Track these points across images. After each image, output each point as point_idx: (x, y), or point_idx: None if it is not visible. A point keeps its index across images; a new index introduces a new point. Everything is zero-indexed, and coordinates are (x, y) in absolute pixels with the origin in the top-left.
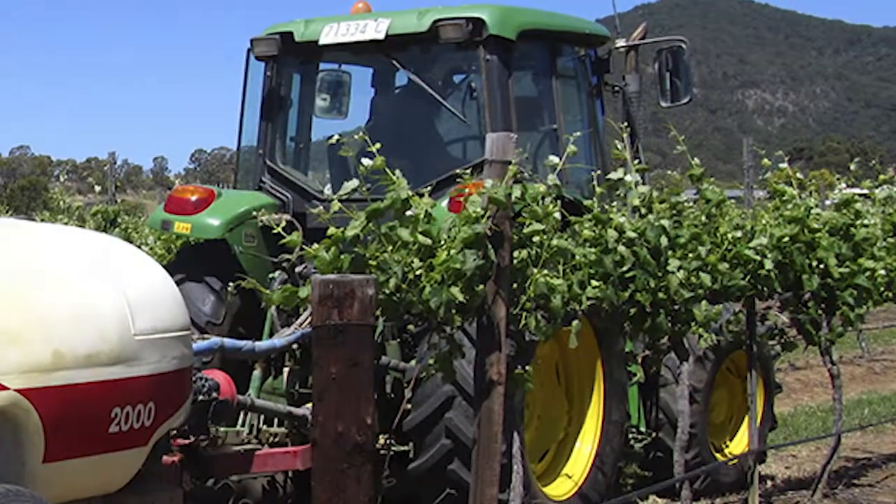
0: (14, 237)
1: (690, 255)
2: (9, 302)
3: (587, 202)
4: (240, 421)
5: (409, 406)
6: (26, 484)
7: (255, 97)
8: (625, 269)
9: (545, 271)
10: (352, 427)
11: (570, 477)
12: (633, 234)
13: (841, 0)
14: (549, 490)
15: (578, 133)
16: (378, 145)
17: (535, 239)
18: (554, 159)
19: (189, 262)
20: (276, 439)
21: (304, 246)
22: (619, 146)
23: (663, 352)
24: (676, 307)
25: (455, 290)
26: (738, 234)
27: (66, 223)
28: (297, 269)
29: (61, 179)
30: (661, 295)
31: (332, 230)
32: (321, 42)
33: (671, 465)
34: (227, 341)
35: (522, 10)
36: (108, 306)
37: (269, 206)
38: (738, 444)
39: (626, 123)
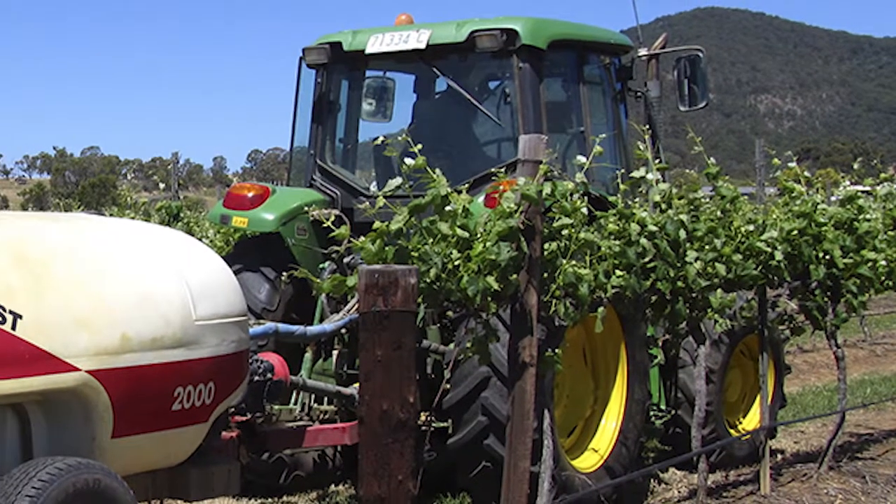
0: (85, 231)
1: (707, 247)
2: (80, 290)
3: (612, 198)
4: (293, 399)
5: (448, 386)
6: (96, 457)
7: (306, 102)
8: (646, 259)
9: (573, 262)
10: (396, 405)
11: (596, 451)
12: (654, 228)
13: (845, 12)
14: (577, 463)
15: (604, 135)
16: (420, 146)
17: (564, 232)
18: (581, 159)
19: (246, 254)
20: (326, 416)
21: (351, 238)
22: (641, 147)
23: (682, 336)
24: (694, 295)
25: (490, 280)
26: (751, 227)
27: (132, 218)
28: (346, 260)
29: (128, 177)
30: (679, 284)
31: (377, 224)
32: (367, 51)
33: (689, 439)
34: (281, 326)
35: (552, 21)
36: (172, 294)
37: (320, 202)
38: (751, 420)
39: (647, 126)
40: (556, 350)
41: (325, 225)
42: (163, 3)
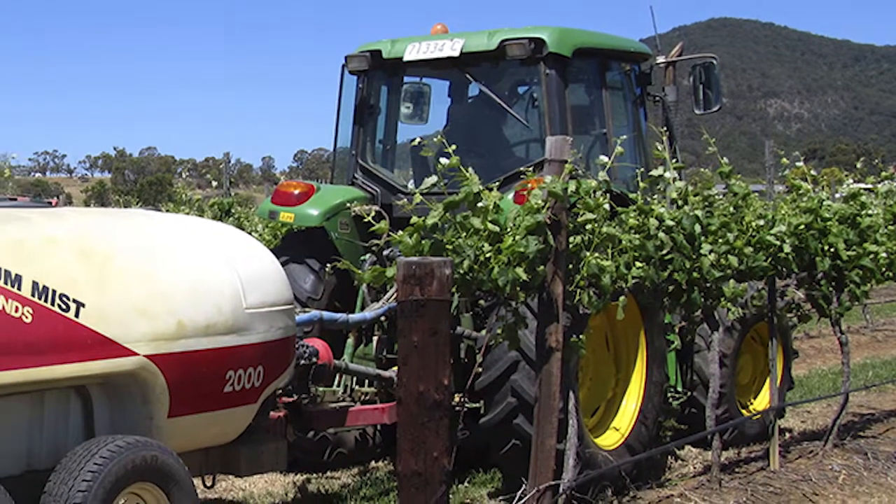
0: (144, 225)
1: (720, 240)
2: (138, 280)
3: (632, 195)
4: (336, 382)
5: (480, 369)
6: (154, 436)
7: (348, 106)
8: (664, 252)
9: (596, 254)
10: (431, 387)
11: (617, 430)
12: (671, 223)
13: (848, 22)
14: (600, 441)
15: (625, 136)
16: (454, 147)
17: (588, 226)
18: (604, 159)
19: (292, 247)
20: (367, 398)
21: (390, 232)
22: (659, 147)
23: (697, 323)
24: (708, 285)
25: (519, 270)
26: (761, 222)
27: (187, 213)
28: (385, 253)
29: (183, 176)
30: (695, 274)
31: (414, 219)
32: (405, 59)
33: (704, 419)
34: (325, 314)
35: (577, 31)
36: (224, 284)
37: (361, 198)
38: (761, 401)
39: (665, 128)
40: (581, 336)
41: (365, 220)
42: (216, 12)
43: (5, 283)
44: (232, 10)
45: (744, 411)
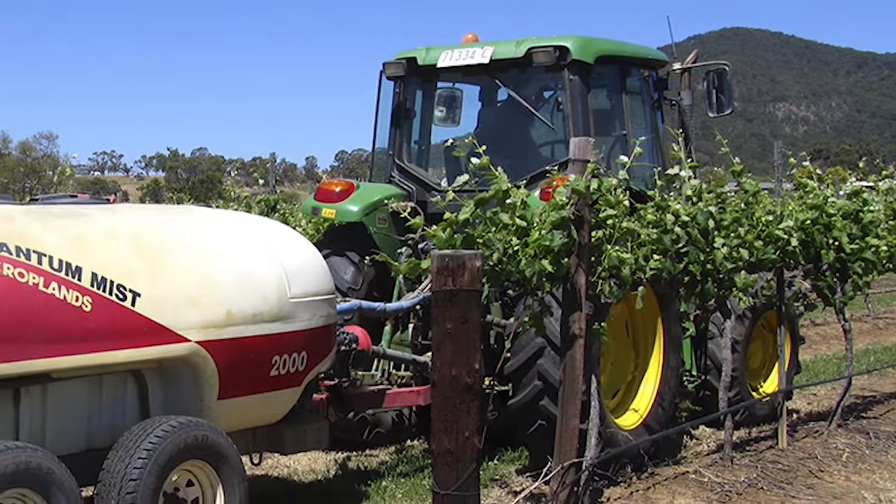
0: (195, 220)
1: (732, 234)
2: (190, 272)
3: (650, 192)
4: (374, 366)
5: (508, 354)
6: (205, 416)
7: (386, 109)
8: (680, 245)
9: (617, 247)
10: (463, 371)
11: (636, 411)
12: (686, 218)
13: (852, 31)
14: (620, 421)
15: (643, 137)
16: (484, 147)
17: (609, 222)
18: (623, 158)
19: (334, 240)
20: (403, 381)
21: (425, 227)
22: (675, 148)
23: (710, 311)
24: (721, 276)
25: (545, 263)
26: (770, 217)
27: (236, 209)
28: (420, 246)
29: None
30: (708, 266)
31: (447, 215)
32: (439, 65)
33: (717, 401)
34: (364, 303)
35: (599, 39)
36: (269, 275)
37: (398, 195)
38: (770, 384)
39: (681, 130)
40: (602, 324)
41: (402, 215)
42: (264, 22)
43: (66, 274)
44: (278, 21)
45: (754, 394)
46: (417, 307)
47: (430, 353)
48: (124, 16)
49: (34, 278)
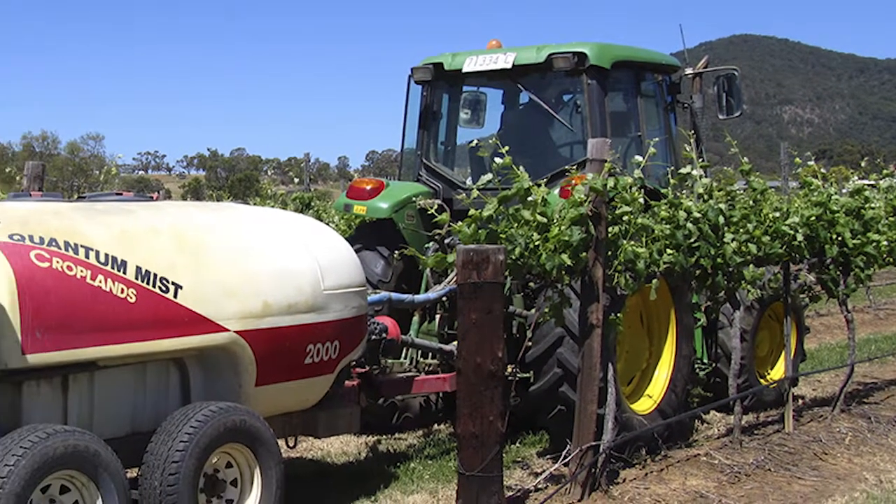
0: (234, 217)
1: (741, 230)
2: (229, 265)
3: (664, 190)
4: (403, 355)
5: (530, 343)
6: (243, 402)
7: (414, 111)
8: (692, 240)
9: (632, 242)
10: (487, 359)
11: (650, 396)
12: (698, 215)
13: (854, 38)
14: (635, 406)
15: (657, 138)
16: (507, 148)
17: (625, 218)
18: (638, 158)
19: (365, 236)
20: (430, 368)
21: (451, 223)
22: (687, 148)
23: (721, 303)
24: (731, 269)
25: (564, 257)
26: (777, 214)
27: (272, 206)
28: (446, 241)
29: (269, 173)
30: (719, 260)
31: (472, 211)
32: (464, 70)
33: (727, 387)
34: (394, 295)
35: (615, 45)
36: (304, 268)
37: (425, 193)
38: (777, 371)
39: (692, 131)
40: (618, 314)
41: (429, 212)
42: (297, 28)
43: (112, 267)
44: (312, 28)
45: (762, 380)
46: (444, 299)
47: (455, 342)
48: (168, 21)
49: (82, 271)
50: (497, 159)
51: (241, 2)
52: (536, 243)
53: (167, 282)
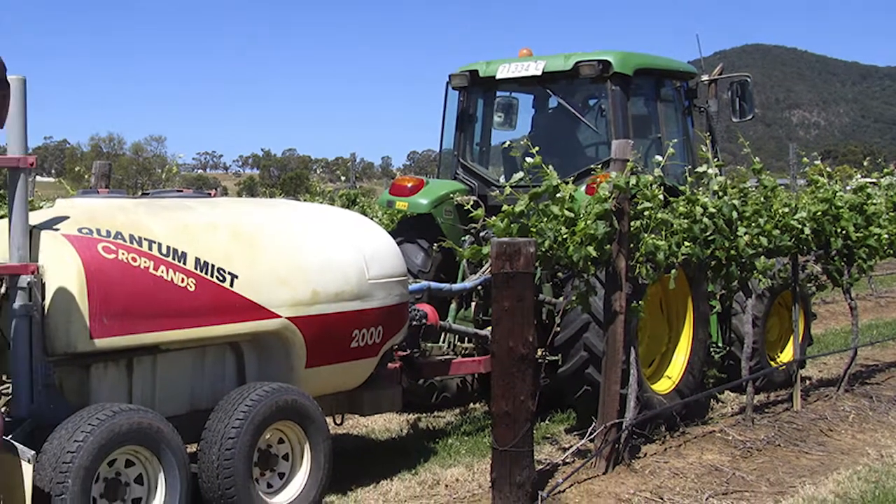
0: (285, 212)
1: (753, 224)
2: (281, 256)
3: (682, 188)
4: (441, 339)
5: (558, 329)
6: (294, 383)
7: (451, 115)
8: (708, 234)
9: (653, 235)
10: (519, 343)
11: (669, 378)
12: (713, 210)
13: (857, 47)
14: (655, 387)
15: (675, 140)
16: (537, 148)
17: (646, 213)
18: (658, 158)
19: (406, 229)
20: (466, 352)
21: (485, 218)
22: (703, 149)
23: (734, 291)
24: (743, 260)
25: (590, 249)
26: (786, 209)
27: (321, 203)
28: (481, 234)
29: (318, 172)
30: (732, 252)
31: (505, 207)
32: (498, 77)
33: (739, 369)
34: (433, 284)
35: (637, 54)
36: (350, 259)
37: (462, 190)
38: (786, 355)
39: (708, 133)
40: (640, 302)
41: (465, 208)
42: (342, 37)
43: (173, 258)
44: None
45: (772, 363)
46: (479, 287)
47: (490, 328)
48: (225, 31)
49: (145, 262)
50: (528, 159)
51: (294, 14)
52: (564, 236)
53: (224, 272)
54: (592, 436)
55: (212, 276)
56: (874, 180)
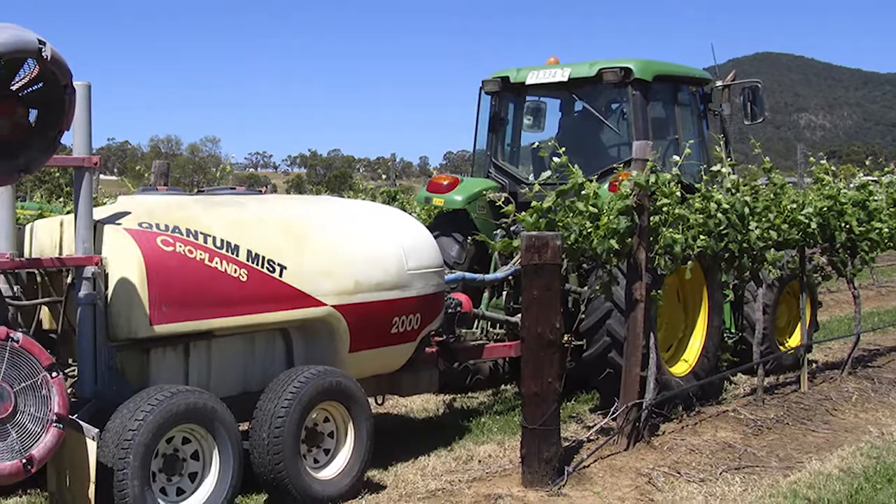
0: (330, 208)
1: (763, 219)
2: (327, 249)
3: (697, 185)
4: (475, 325)
5: (583, 316)
6: (338, 366)
7: (484, 117)
8: (721, 228)
9: (670, 229)
10: (546, 329)
11: (686, 361)
12: (726, 206)
13: (859, 55)
14: (673, 369)
15: (691, 141)
16: (563, 149)
17: (664, 209)
18: (676, 158)
19: (442, 224)
20: (498, 337)
21: (516, 213)
22: (717, 149)
23: (746, 281)
24: (754, 252)
25: (613, 242)
26: (794, 205)
27: (363, 199)
28: (512, 228)
29: (360, 171)
30: (744, 245)
31: (534, 203)
32: (527, 83)
33: (751, 353)
34: (467, 274)
35: (656, 61)
36: (390, 252)
37: (494, 187)
38: (794, 340)
39: (722, 135)
40: (659, 291)
41: (497, 204)
42: (382, 46)
43: (227, 251)
44: (396, 45)
45: (781, 347)
46: (510, 277)
47: (520, 315)
48: (275, 41)
49: (201, 254)
50: (555, 158)
51: (337, 30)
52: (589, 230)
53: (274, 263)
54: (615, 415)
55: (262, 267)
56: (876, 178)
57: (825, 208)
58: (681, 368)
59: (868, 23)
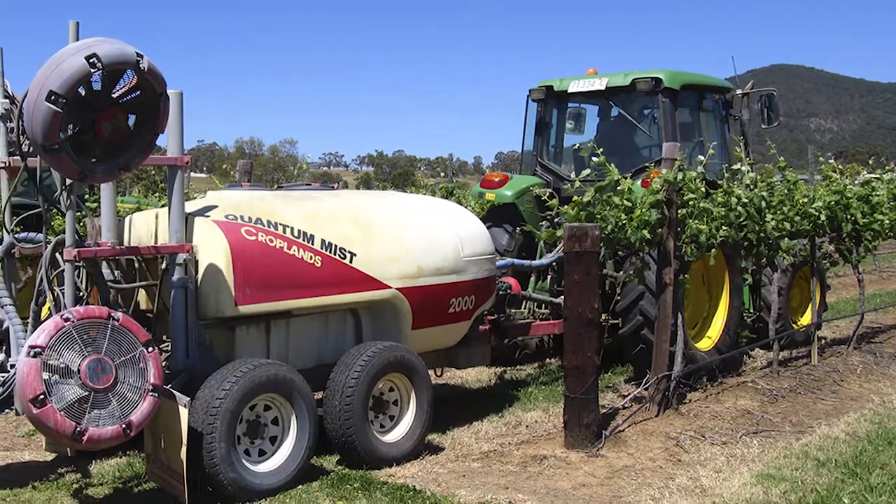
0: (395, 202)
1: (778, 211)
2: (392, 238)
3: (720, 182)
4: (523, 306)
5: (619, 297)
6: (402, 341)
7: (531, 122)
8: (741, 219)
9: (696, 221)
10: (586, 309)
11: (710, 337)
12: (746, 200)
13: (864, 67)
14: (698, 345)
15: (715, 143)
16: (601, 150)
17: (690, 202)
18: (701, 158)
19: (494, 216)
20: (543, 317)
21: (559, 207)
22: (737, 150)
23: (763, 266)
24: (770, 241)
25: (645, 232)
26: (806, 200)
27: (424, 194)
28: (556, 220)
29: (422, 169)
30: (761, 234)
31: (575, 198)
32: (569, 91)
33: (767, 330)
34: (516, 261)
35: (683, 72)
36: (448, 240)
37: (540, 184)
38: (805, 319)
39: (742, 137)
40: (685, 275)
41: (543, 198)
42: (438, 60)
43: (303, 239)
44: (452, 57)
45: (794, 325)
46: (554, 263)
47: (562, 297)
48: (343, 56)
49: (280, 243)
50: (594, 158)
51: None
52: (623, 222)
53: (345, 251)
54: (646, 385)
55: (335, 254)
56: (878, 176)
57: (833, 202)
58: (705, 344)
59: (872, 37)
